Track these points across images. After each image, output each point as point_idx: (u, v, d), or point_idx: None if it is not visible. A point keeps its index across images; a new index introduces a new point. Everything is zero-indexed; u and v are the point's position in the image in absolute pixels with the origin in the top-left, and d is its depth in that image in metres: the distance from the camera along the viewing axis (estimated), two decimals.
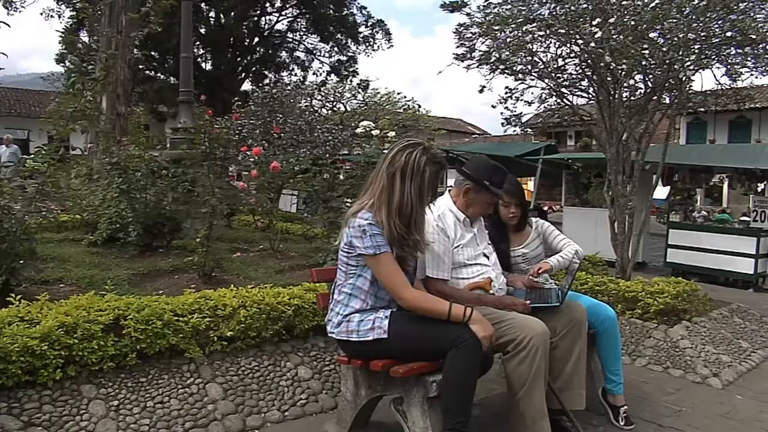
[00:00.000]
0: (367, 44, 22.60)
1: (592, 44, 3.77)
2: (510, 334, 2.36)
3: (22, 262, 3.03)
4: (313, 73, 23.49)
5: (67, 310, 2.62)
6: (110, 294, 2.92)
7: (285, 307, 3.22)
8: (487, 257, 2.79)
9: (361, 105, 26.78)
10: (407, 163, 2.25)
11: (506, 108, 5.30)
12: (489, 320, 2.37)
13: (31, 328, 2.45)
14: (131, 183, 4.63)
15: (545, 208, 20.59)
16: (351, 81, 23.95)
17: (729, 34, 4.10)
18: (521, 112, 5.79)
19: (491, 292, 2.66)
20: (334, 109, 26.39)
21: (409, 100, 28.34)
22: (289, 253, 5.98)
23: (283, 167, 7.00)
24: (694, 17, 3.95)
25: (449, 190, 2.85)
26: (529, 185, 17.43)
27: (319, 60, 23.48)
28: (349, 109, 26.88)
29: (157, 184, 5.09)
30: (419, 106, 27.11)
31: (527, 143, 9.70)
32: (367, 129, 5.12)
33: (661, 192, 10.13)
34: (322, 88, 24.17)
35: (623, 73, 4.12)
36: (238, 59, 21.36)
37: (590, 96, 4.83)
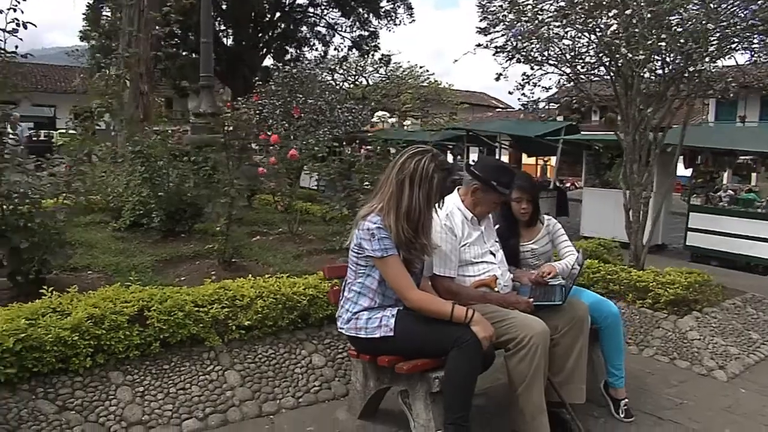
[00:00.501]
0: (388, 18, 22.31)
1: (608, 37, 3.74)
2: (511, 333, 2.45)
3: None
4: (335, 49, 23.35)
5: (95, 302, 2.79)
6: (135, 285, 3.09)
7: (300, 297, 3.36)
8: (494, 255, 2.87)
9: (384, 79, 26.61)
10: (416, 170, 2.34)
11: (523, 95, 5.28)
12: (492, 318, 2.48)
13: (63, 319, 2.63)
14: (154, 170, 4.79)
15: (567, 185, 20.45)
16: (373, 56, 23.74)
17: (751, 22, 4.01)
18: (539, 98, 5.79)
19: (496, 289, 2.75)
20: (356, 83, 26.29)
21: (431, 74, 28.09)
22: (308, 236, 6.12)
23: (301, 152, 7.14)
24: (713, 6, 3.88)
25: (458, 189, 2.93)
26: (552, 161, 17.27)
27: (340, 35, 23.29)
28: (371, 83, 26.75)
29: (179, 167, 5.25)
30: (441, 82, 26.79)
31: (547, 123, 9.56)
32: (383, 119, 5.15)
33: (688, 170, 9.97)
34: (343, 63, 24.06)
35: (640, 64, 4.09)
36: (260, 35, 21.31)
37: (607, 83, 4.79)
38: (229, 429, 2.68)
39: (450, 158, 16.08)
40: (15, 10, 3.26)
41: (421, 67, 27.52)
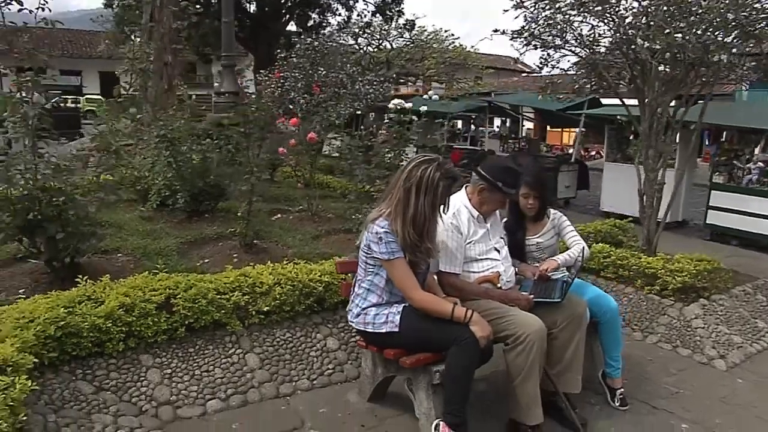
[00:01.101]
0: None
1: (624, 26, 3.72)
2: (510, 329, 2.61)
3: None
4: (358, 15, 23.02)
5: (126, 291, 3.02)
6: (162, 273, 3.32)
7: (316, 284, 3.55)
8: (498, 251, 3.00)
9: (408, 44, 26.21)
10: (422, 178, 2.46)
11: (541, 77, 5.29)
12: (492, 314, 2.64)
13: (97, 307, 2.87)
14: (178, 154, 4.98)
15: (593, 153, 20.14)
16: (396, 21, 23.37)
17: None
18: (559, 80, 5.79)
19: (499, 285, 2.89)
20: (380, 47, 25.96)
21: (456, 38, 27.53)
22: (327, 215, 6.30)
23: (323, 124, 7.28)
24: None
25: (466, 187, 3.04)
26: (577, 131, 17.02)
27: (363, 0, 22.93)
28: (395, 47, 26.39)
29: (202, 146, 5.43)
30: (466, 47, 26.26)
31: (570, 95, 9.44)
32: (398, 106, 5.23)
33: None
34: (367, 29, 23.75)
35: (657, 53, 4.07)
36: (282, 1, 21.12)
37: (624, 69, 4.77)
38: (248, 409, 2.92)
39: (473, 128, 15.99)
40: None
41: (446, 32, 26.98)
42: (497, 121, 22.77)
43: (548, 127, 17.72)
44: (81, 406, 2.58)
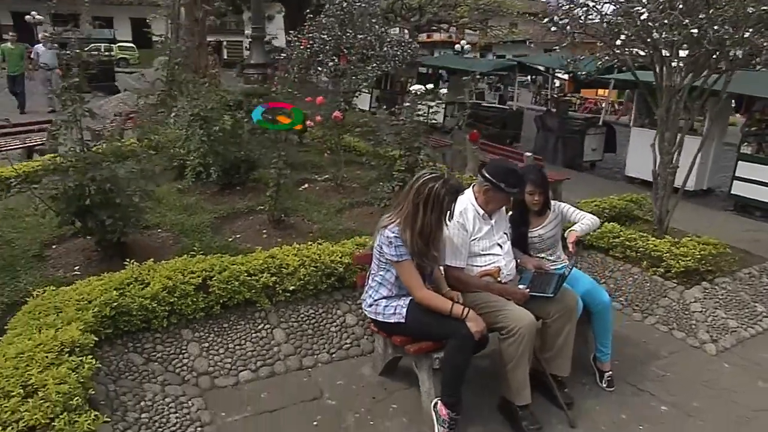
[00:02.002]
0: None
1: (641, 21, 3.77)
2: (504, 322, 2.92)
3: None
4: None
5: (168, 274, 3.42)
6: (198, 255, 3.72)
7: (337, 265, 3.90)
8: (501, 246, 3.27)
9: None
10: (429, 195, 2.75)
11: (561, 57, 5.36)
12: (490, 307, 2.96)
13: (144, 289, 3.28)
14: (212, 134, 5.30)
15: (625, 116, 19.66)
16: None
17: None
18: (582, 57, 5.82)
19: (499, 279, 3.18)
20: None
21: None
22: (352, 184, 6.61)
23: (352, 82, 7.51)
24: None
25: (473, 186, 3.30)
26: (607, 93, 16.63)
27: None
28: None
29: (234, 116, 5.74)
30: None
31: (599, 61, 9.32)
32: (418, 92, 5.40)
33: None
34: None
35: (674, 44, 4.13)
36: None
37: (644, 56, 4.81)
38: (275, 380, 3.35)
39: (501, 87, 15.80)
40: None
41: None
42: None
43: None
44: (134, 376, 3.03)
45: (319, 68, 10.28)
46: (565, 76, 14.57)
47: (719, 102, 5.60)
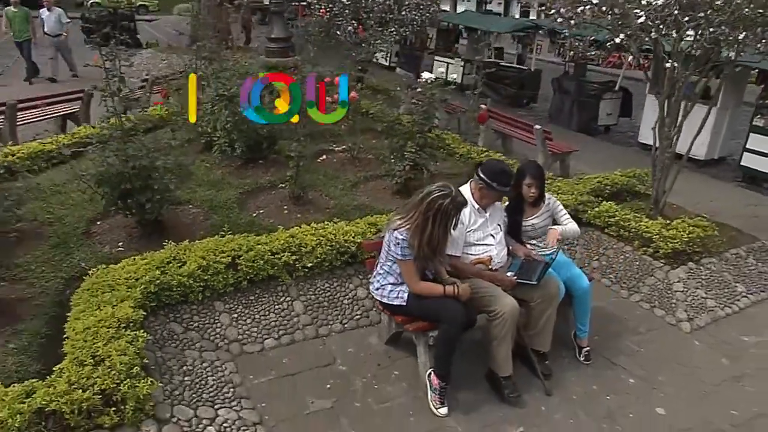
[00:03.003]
0: None
1: (638, 24, 3.97)
2: (491, 306, 3.37)
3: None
4: None
5: (202, 254, 3.91)
6: (228, 236, 4.20)
7: (350, 244, 4.36)
8: (494, 237, 3.68)
9: None
10: (438, 210, 3.14)
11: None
12: (481, 292, 3.42)
13: (182, 268, 3.79)
14: (237, 113, 5.69)
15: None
16: None
17: None
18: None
19: (490, 267, 3.61)
20: None
21: None
22: (367, 156, 6.99)
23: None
24: None
25: (470, 183, 3.68)
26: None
27: None
28: None
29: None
30: None
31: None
32: (429, 81, 5.67)
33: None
34: None
35: (674, 40, 4.33)
36: None
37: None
38: (295, 347, 3.88)
39: (520, 47, 15.65)
40: None
41: None
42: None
43: None
44: (176, 343, 3.58)
45: (338, 33, 10.46)
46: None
47: (730, 70, 5.68)
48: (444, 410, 3.32)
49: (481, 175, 3.54)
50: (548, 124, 10.37)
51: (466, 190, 3.65)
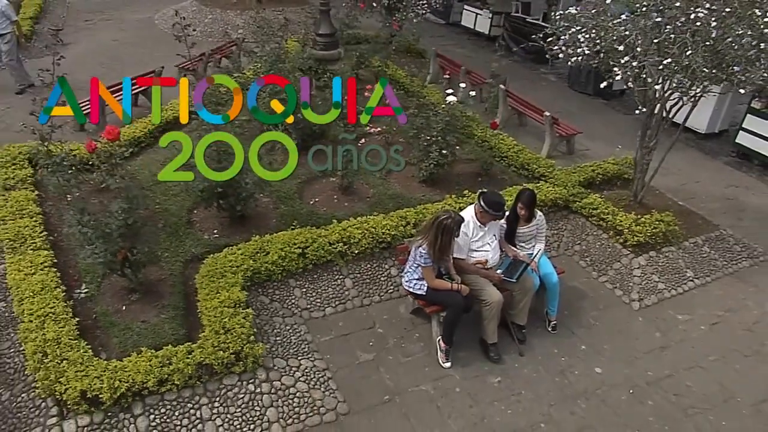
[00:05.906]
0: None
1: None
2: (483, 296, 4.88)
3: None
4: None
5: (281, 246, 5.46)
6: (297, 229, 5.72)
7: (386, 235, 5.86)
8: (490, 245, 5.12)
9: None
10: (445, 229, 4.58)
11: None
12: (477, 286, 4.93)
13: (266, 257, 5.35)
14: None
15: None
16: None
17: None
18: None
19: (486, 266, 5.07)
20: None
21: None
22: (399, 139, 8.23)
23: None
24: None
25: (474, 206, 5.07)
26: None
27: None
28: None
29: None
30: None
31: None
32: (451, 103, 6.81)
33: None
34: None
35: (665, 66, 5.36)
36: None
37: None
38: (346, 314, 5.47)
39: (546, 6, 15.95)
40: None
41: None
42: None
43: None
44: (266, 312, 5.21)
45: (374, 3, 11.35)
46: None
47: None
48: (448, 364, 4.94)
49: (482, 203, 4.93)
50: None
51: (470, 210, 5.06)
